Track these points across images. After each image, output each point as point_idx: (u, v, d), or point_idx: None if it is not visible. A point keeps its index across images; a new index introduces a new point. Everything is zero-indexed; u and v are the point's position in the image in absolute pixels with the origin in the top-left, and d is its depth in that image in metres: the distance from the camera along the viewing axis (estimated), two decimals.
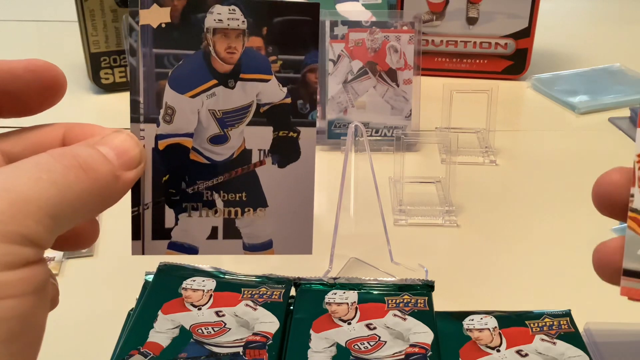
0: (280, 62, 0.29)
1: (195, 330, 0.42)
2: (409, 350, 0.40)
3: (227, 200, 0.29)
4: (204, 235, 0.29)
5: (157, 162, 0.28)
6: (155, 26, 0.28)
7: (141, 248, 0.29)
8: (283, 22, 0.29)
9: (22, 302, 0.21)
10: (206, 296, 0.44)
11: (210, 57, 0.28)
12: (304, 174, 0.30)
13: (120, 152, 0.26)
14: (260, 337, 0.41)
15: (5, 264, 0.21)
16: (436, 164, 0.72)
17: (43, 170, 0.22)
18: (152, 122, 0.28)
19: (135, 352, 0.40)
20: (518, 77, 0.94)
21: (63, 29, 1.04)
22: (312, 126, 0.30)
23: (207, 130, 0.29)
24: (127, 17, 0.70)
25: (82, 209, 0.24)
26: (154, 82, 0.28)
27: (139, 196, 0.28)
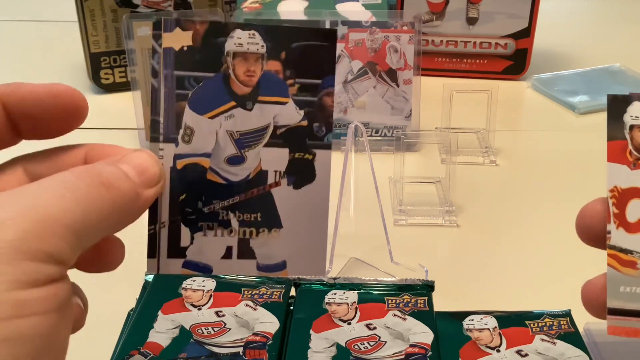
0: (297, 85, 0.29)
1: (195, 330, 0.42)
2: (409, 351, 0.40)
3: (242, 220, 0.30)
4: (218, 254, 0.30)
5: (174, 181, 0.29)
6: (178, 49, 0.28)
7: (156, 266, 0.29)
8: (301, 47, 0.29)
9: (45, 320, 0.21)
10: (206, 296, 0.44)
11: (229, 79, 0.29)
12: (319, 196, 0.30)
13: (141, 170, 0.26)
14: (260, 337, 0.41)
15: (29, 282, 0.21)
16: (436, 164, 0.72)
17: (67, 188, 0.23)
18: (171, 142, 0.29)
19: (135, 352, 0.40)
20: (518, 77, 0.94)
21: (63, 29, 1.04)
22: (328, 149, 0.30)
23: (224, 151, 0.29)
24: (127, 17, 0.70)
25: (104, 226, 0.24)
26: (174, 103, 0.29)
27: (156, 214, 0.29)
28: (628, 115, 0.27)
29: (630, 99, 0.27)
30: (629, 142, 0.26)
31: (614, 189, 0.27)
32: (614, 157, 0.26)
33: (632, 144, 0.26)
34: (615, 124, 0.27)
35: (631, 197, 0.26)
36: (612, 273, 0.27)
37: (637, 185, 0.26)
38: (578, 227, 0.30)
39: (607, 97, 0.28)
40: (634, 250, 0.26)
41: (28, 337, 0.21)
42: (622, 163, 0.26)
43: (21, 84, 0.27)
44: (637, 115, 0.27)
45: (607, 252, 0.27)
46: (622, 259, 0.26)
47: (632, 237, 0.26)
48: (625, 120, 0.27)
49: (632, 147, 0.26)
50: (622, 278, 0.26)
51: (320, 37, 0.29)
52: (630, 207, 0.26)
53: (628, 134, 0.27)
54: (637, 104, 0.27)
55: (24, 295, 0.21)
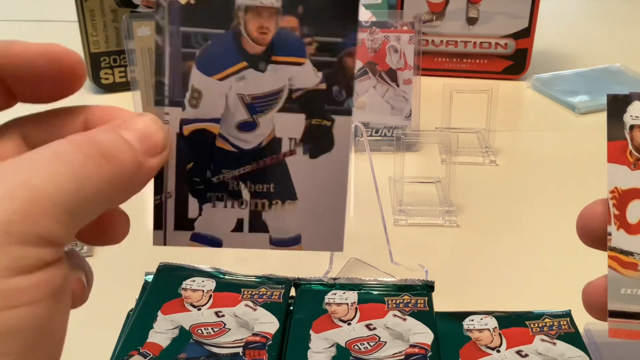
0: (316, 44, 0.27)
1: (195, 330, 0.41)
2: (409, 351, 0.40)
3: (254, 191, 0.27)
4: (228, 227, 0.28)
5: (181, 149, 0.27)
6: (184, 2, 0.26)
7: (163, 238, 0.27)
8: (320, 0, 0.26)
9: (37, 310, 0.19)
10: (206, 296, 0.44)
11: (240, 37, 0.26)
12: (338, 166, 0.27)
13: (143, 136, 0.24)
14: (260, 337, 0.41)
15: (19, 268, 0.19)
16: (436, 164, 0.72)
17: (62, 161, 0.21)
18: (177, 105, 0.26)
19: (135, 353, 0.40)
20: (518, 77, 0.94)
21: (63, 29, 1.04)
22: (348, 114, 0.27)
23: (235, 116, 0.27)
24: (127, 17, 0.70)
25: (102, 201, 0.22)
26: (180, 62, 0.26)
27: (162, 184, 0.27)
28: (628, 115, 0.26)
29: (630, 99, 0.27)
30: (629, 142, 0.26)
31: (615, 190, 0.26)
32: (614, 158, 0.26)
33: (633, 144, 0.26)
34: (615, 124, 0.26)
35: (632, 198, 0.26)
36: (612, 275, 0.27)
37: (637, 186, 0.26)
38: (579, 228, 0.29)
39: (607, 96, 0.27)
40: (634, 251, 0.26)
41: (20, 330, 0.19)
42: (622, 164, 0.26)
43: (13, 42, 0.24)
44: (637, 115, 0.26)
45: (607, 253, 0.27)
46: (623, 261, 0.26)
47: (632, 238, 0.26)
48: (625, 120, 0.26)
49: (632, 148, 0.26)
50: (623, 280, 0.26)
51: None
52: (630, 208, 0.26)
53: (628, 134, 0.26)
54: (637, 104, 0.26)
55: (12, 284, 0.19)
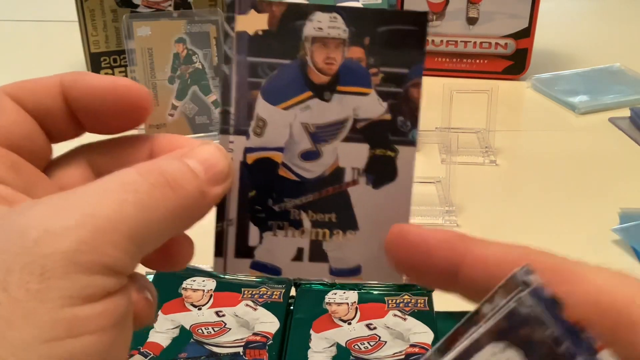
0: (381, 75, 0.27)
1: (195, 330, 0.42)
2: (409, 350, 0.40)
3: (315, 220, 0.27)
4: (288, 256, 0.27)
5: (244, 177, 0.27)
6: (252, 33, 0.26)
7: (223, 265, 0.27)
8: (387, 32, 0.26)
9: (101, 338, 0.20)
10: (206, 296, 0.44)
11: (306, 67, 0.27)
12: (400, 197, 0.27)
13: (208, 166, 0.24)
14: (260, 337, 0.41)
15: (84, 297, 0.19)
16: (436, 164, 0.72)
17: (129, 190, 0.21)
18: (242, 134, 0.27)
19: (135, 352, 0.40)
20: (518, 77, 0.94)
21: (63, 29, 1.04)
22: (412, 145, 0.27)
23: (298, 145, 0.27)
24: (127, 17, 0.70)
25: (166, 229, 0.22)
26: (246, 92, 0.27)
27: (224, 211, 0.27)
28: None
29: None
30: None
31: None
32: None
33: None
34: None
35: None
36: None
37: None
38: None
39: None
40: None
41: (82, 358, 0.19)
42: None
43: (84, 74, 0.25)
44: None
45: None
46: None
47: None
48: None
49: None
50: None
51: (409, 21, 0.26)
52: None
53: None
54: None
55: (78, 312, 0.19)
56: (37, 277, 0.19)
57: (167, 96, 0.72)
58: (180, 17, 0.72)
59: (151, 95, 0.26)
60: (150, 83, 0.72)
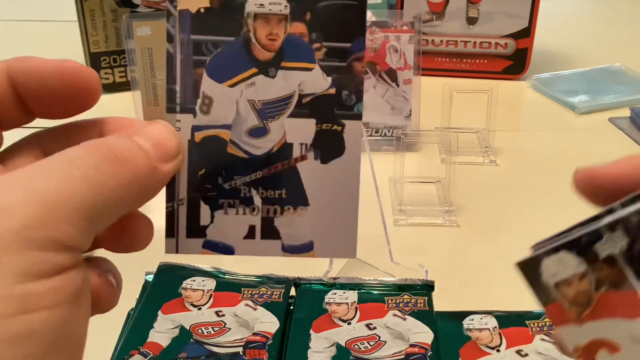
0: (324, 49, 0.27)
1: (195, 330, 0.42)
2: (409, 350, 0.40)
3: (265, 197, 0.27)
4: (240, 234, 0.28)
5: (193, 155, 0.27)
6: (194, 11, 0.26)
7: (175, 246, 0.27)
8: (328, 6, 0.27)
9: (56, 313, 0.20)
10: (206, 296, 0.44)
11: (250, 44, 0.27)
12: (349, 171, 0.27)
13: (157, 142, 0.24)
14: (260, 337, 0.41)
15: (36, 273, 0.19)
16: (436, 164, 0.72)
17: (76, 166, 0.21)
18: (188, 112, 0.27)
19: (135, 352, 0.40)
20: (518, 77, 0.94)
21: (63, 29, 1.04)
22: (358, 119, 0.27)
23: (245, 122, 0.27)
24: (127, 17, 0.70)
25: (117, 205, 0.22)
26: (191, 70, 0.27)
27: (174, 191, 0.27)
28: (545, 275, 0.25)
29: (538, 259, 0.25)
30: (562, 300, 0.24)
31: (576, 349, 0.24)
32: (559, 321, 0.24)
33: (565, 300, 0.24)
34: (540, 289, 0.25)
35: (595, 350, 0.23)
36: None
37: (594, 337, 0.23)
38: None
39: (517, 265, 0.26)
40: None
41: (38, 333, 0.19)
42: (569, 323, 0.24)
43: (28, 58, 0.25)
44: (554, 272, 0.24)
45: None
46: None
47: None
48: (546, 281, 0.25)
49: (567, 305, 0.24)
50: None
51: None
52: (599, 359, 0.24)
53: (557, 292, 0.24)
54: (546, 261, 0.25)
55: (31, 288, 0.19)
56: None
57: None
58: None
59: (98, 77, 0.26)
60: (150, 83, 0.72)
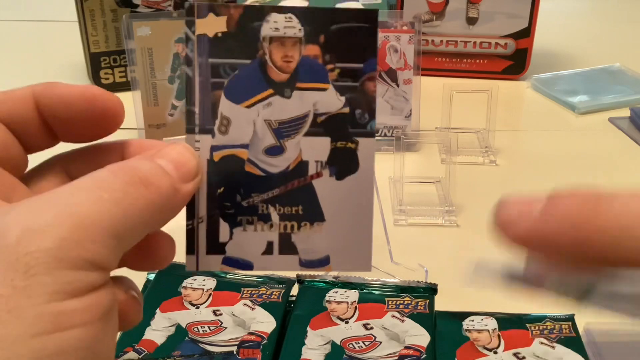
0: (337, 70, 0.28)
1: (191, 328, 0.42)
2: (403, 352, 0.40)
3: (282, 213, 0.28)
4: (259, 250, 0.28)
5: (211, 174, 0.28)
6: (212, 35, 0.27)
7: (195, 263, 0.28)
8: (340, 29, 0.28)
9: (88, 331, 0.20)
10: (205, 295, 0.44)
11: (266, 66, 0.28)
12: (363, 187, 0.28)
13: (178, 164, 0.25)
14: (255, 336, 0.41)
15: (70, 291, 0.20)
16: (436, 164, 0.72)
17: (103, 188, 0.22)
18: (207, 132, 0.28)
19: (130, 349, 0.40)
20: (518, 77, 0.94)
21: (63, 29, 1.04)
22: (371, 136, 0.28)
23: (262, 141, 0.28)
24: (127, 17, 0.70)
25: (143, 225, 0.23)
26: (209, 92, 0.28)
27: (194, 209, 0.28)
28: None
29: None
30: None
31: None
32: None
33: None
34: None
35: None
36: None
37: None
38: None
39: None
40: None
41: (71, 351, 0.20)
42: None
43: (54, 84, 0.26)
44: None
45: None
46: None
47: None
48: None
49: None
50: None
51: (361, 18, 0.28)
52: None
53: None
54: None
55: (64, 307, 0.20)
56: (21, 275, 0.19)
57: (167, 96, 0.72)
58: (180, 17, 0.72)
59: (121, 103, 0.27)
60: (150, 83, 0.72)
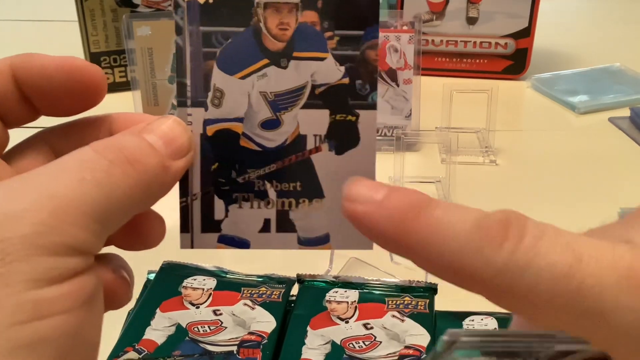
0: (337, 38, 0.26)
1: (192, 328, 0.42)
2: (403, 352, 0.40)
3: (280, 190, 0.27)
4: (255, 228, 0.27)
5: (205, 150, 0.26)
6: (202, 1, 0.26)
7: (190, 241, 0.27)
8: None
9: (70, 318, 0.19)
10: (205, 295, 0.44)
11: (261, 34, 0.26)
12: (364, 161, 0.27)
13: (168, 139, 0.24)
14: (255, 336, 0.41)
15: (50, 279, 0.19)
16: (436, 164, 0.72)
17: (87, 169, 0.21)
18: (200, 106, 0.26)
19: (130, 349, 0.40)
20: (518, 77, 0.94)
21: (63, 29, 1.04)
22: (373, 109, 0.27)
23: (258, 115, 0.27)
24: (127, 17, 0.70)
25: (129, 206, 0.22)
26: (201, 62, 0.26)
27: (187, 186, 0.26)
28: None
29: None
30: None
31: None
32: None
33: None
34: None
35: None
36: None
37: None
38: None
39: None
40: None
41: (51, 340, 0.19)
42: None
43: (32, 55, 0.24)
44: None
45: None
46: None
47: None
48: None
49: None
50: None
51: None
52: None
53: None
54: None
55: (43, 294, 0.19)
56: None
57: (167, 96, 0.72)
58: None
59: (103, 74, 0.25)
60: (150, 83, 0.72)
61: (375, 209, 0.20)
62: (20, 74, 0.24)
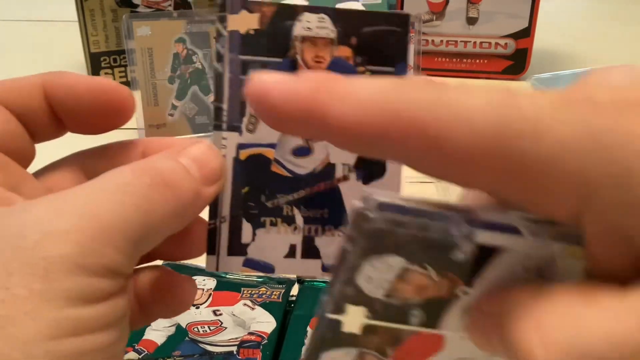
0: (368, 73, 0.28)
1: (191, 328, 0.42)
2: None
3: (307, 216, 0.28)
4: (281, 253, 0.28)
5: (237, 173, 0.27)
6: (244, 32, 0.27)
7: (216, 264, 0.27)
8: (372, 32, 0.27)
9: (103, 337, 0.20)
10: (205, 295, 0.45)
11: (297, 65, 0.27)
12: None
13: (201, 164, 0.24)
14: (255, 336, 0.41)
15: (88, 298, 0.20)
16: None
17: (126, 192, 0.21)
18: (235, 130, 0.27)
19: (130, 349, 0.40)
20: (518, 77, 0.94)
21: (63, 29, 1.04)
22: None
23: (290, 142, 0.28)
24: (127, 17, 0.70)
25: (164, 230, 0.23)
26: (239, 89, 0.27)
27: (217, 208, 0.27)
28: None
29: None
30: None
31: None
32: None
33: None
34: None
35: None
36: None
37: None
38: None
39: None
40: None
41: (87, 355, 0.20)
42: None
43: (64, 74, 0.25)
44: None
45: None
46: None
47: None
48: None
49: None
50: None
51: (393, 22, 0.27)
52: None
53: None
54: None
55: (81, 313, 0.20)
56: (40, 278, 0.19)
57: (167, 96, 0.72)
58: (180, 17, 0.72)
59: (132, 96, 0.26)
60: (150, 83, 0.72)
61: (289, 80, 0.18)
62: (51, 91, 0.25)
